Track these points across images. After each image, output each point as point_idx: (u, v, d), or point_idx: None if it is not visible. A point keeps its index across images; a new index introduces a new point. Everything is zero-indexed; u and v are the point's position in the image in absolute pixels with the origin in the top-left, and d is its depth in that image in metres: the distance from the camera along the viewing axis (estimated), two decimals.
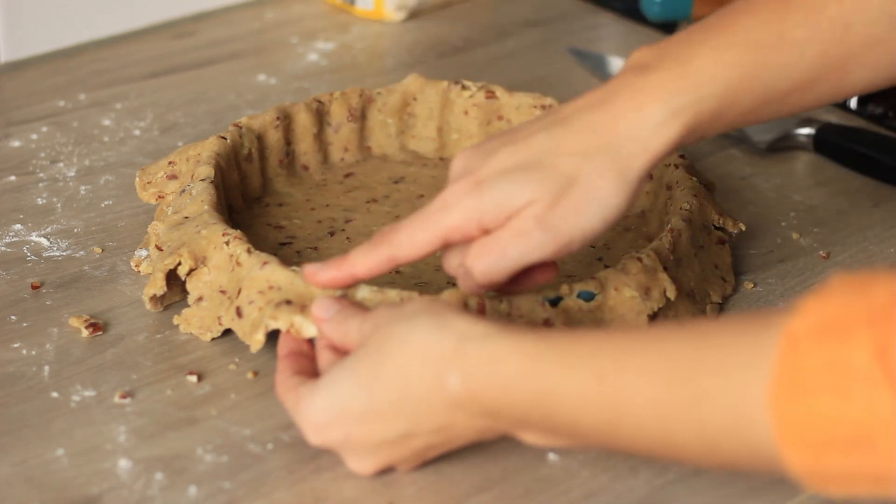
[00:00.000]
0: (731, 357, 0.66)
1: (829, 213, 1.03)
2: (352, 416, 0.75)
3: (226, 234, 0.88)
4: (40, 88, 1.16)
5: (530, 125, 0.81)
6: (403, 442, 0.75)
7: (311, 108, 1.02)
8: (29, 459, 0.78)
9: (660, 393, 0.67)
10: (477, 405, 0.72)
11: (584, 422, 0.70)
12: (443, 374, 0.72)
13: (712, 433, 0.66)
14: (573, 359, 0.70)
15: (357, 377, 0.74)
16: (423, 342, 0.73)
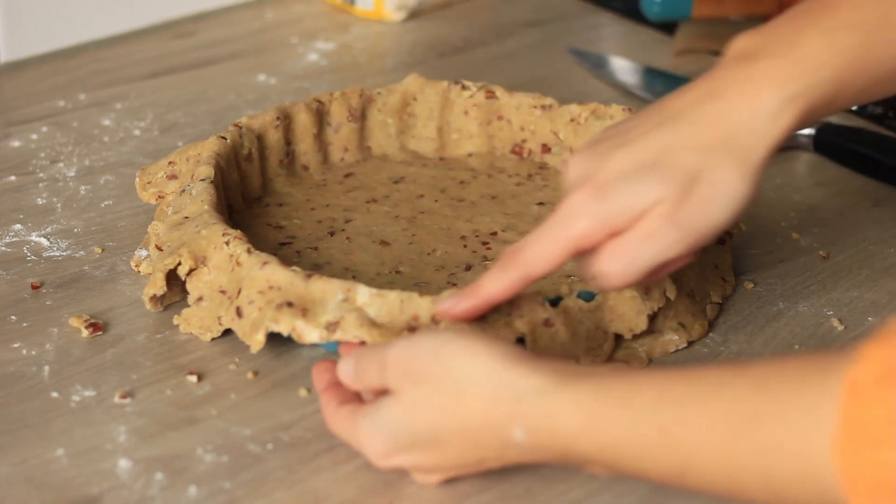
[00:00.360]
0: (792, 405, 0.65)
1: (829, 213, 1.03)
2: (418, 449, 0.75)
3: (226, 234, 0.88)
4: (40, 88, 1.16)
5: (639, 123, 0.80)
6: (471, 467, 0.76)
7: (311, 108, 1.02)
8: (29, 459, 0.78)
9: (723, 443, 0.67)
10: (544, 452, 0.73)
11: (651, 470, 0.70)
12: (507, 429, 0.72)
13: (778, 482, 0.65)
14: (633, 412, 0.69)
15: (418, 413, 0.74)
16: (481, 402, 0.73)
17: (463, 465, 0.76)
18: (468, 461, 0.75)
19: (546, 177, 1.03)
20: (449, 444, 0.74)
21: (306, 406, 0.83)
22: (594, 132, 1.02)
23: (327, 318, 0.83)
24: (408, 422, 0.74)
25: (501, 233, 0.97)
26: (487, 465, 0.75)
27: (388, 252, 0.94)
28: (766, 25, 0.80)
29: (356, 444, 0.77)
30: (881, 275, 0.96)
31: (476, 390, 0.73)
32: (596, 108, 1.03)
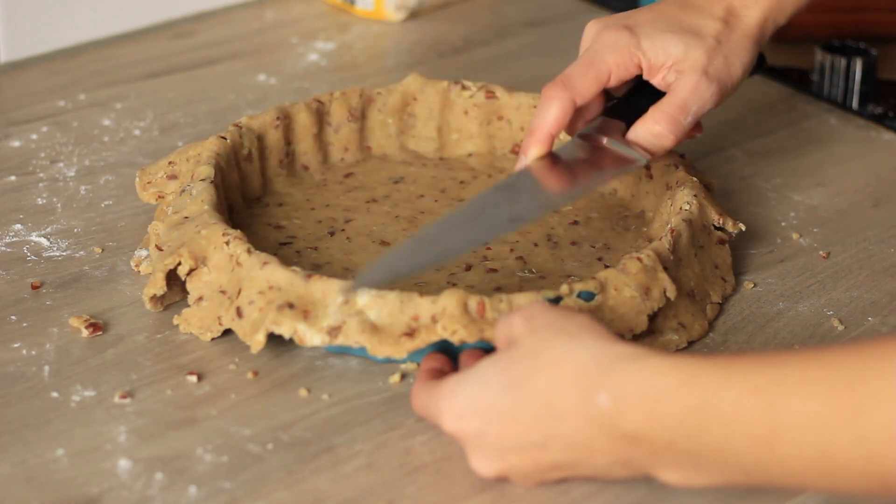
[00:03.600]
0: (893, 365, 0.65)
1: (829, 213, 1.03)
2: (494, 412, 0.74)
3: (226, 234, 0.88)
4: (40, 88, 1.16)
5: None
6: (534, 453, 0.75)
7: (311, 108, 1.02)
8: (29, 459, 0.78)
9: (819, 405, 0.66)
10: (622, 425, 0.72)
11: (736, 440, 0.69)
12: (593, 392, 0.72)
13: (874, 444, 0.65)
14: (730, 371, 0.69)
15: (507, 377, 0.74)
16: (580, 360, 0.73)
17: (525, 450, 0.74)
18: (535, 439, 0.74)
19: None
20: (523, 412, 0.73)
21: (306, 406, 0.83)
22: None
23: (329, 322, 0.83)
24: (489, 382, 0.75)
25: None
26: (550, 455, 0.74)
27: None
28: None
29: (434, 400, 0.76)
30: (881, 275, 0.96)
31: (577, 353, 0.73)
32: None
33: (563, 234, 0.97)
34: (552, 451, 0.74)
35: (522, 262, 0.94)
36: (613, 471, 0.75)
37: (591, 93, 0.90)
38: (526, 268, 0.93)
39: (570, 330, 0.75)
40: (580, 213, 0.99)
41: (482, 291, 0.89)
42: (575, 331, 0.75)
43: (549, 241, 0.96)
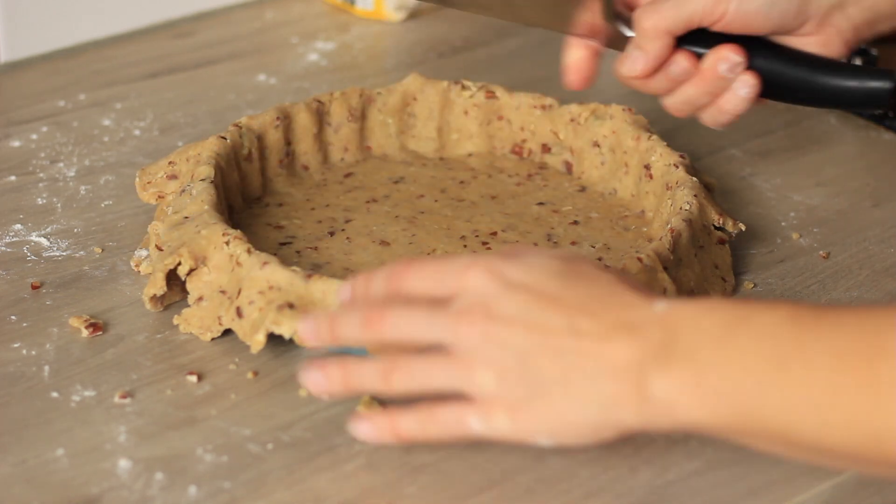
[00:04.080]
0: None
1: (829, 213, 1.03)
2: (534, 284, 0.74)
3: (226, 234, 0.88)
4: (40, 88, 1.16)
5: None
6: (548, 331, 0.73)
7: (311, 108, 1.02)
8: (29, 459, 0.78)
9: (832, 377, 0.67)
10: (662, 327, 0.72)
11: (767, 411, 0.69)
12: (651, 300, 0.73)
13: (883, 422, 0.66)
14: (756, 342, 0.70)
15: (563, 269, 0.75)
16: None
17: (562, 329, 0.73)
18: (571, 323, 0.72)
19: (546, 177, 1.03)
20: (568, 299, 0.73)
21: (306, 406, 0.83)
22: (594, 132, 1.02)
23: None
24: (548, 270, 0.75)
25: (501, 233, 0.97)
26: (546, 343, 0.73)
27: (388, 252, 0.94)
28: None
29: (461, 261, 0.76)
30: (881, 275, 0.96)
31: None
32: (596, 108, 1.03)
33: (563, 234, 0.97)
34: (567, 338, 0.73)
35: None
36: (605, 386, 0.72)
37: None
38: None
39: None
40: (580, 213, 0.99)
41: None
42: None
43: (549, 241, 0.96)
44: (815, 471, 0.79)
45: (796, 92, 0.91)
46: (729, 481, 0.79)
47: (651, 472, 0.79)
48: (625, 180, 1.01)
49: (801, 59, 0.90)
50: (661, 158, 0.98)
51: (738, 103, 0.90)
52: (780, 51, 0.90)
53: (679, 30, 0.88)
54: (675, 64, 0.89)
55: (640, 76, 0.90)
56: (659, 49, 0.89)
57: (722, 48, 0.88)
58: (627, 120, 1.01)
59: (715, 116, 0.91)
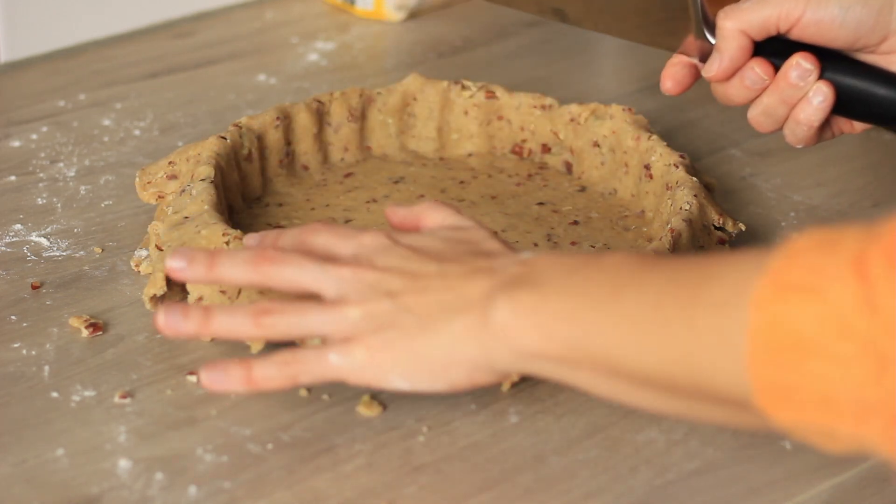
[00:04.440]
0: (706, 303, 0.67)
1: (829, 213, 1.03)
2: (420, 242, 0.79)
3: (226, 234, 0.88)
4: (40, 88, 1.16)
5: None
6: (405, 274, 0.77)
7: (311, 108, 1.02)
8: (29, 459, 0.78)
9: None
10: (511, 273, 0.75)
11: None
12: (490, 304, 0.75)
13: (700, 378, 0.67)
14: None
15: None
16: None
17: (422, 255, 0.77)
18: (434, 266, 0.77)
19: (546, 177, 1.04)
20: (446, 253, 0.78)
21: (306, 406, 0.83)
22: (594, 132, 1.02)
23: None
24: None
25: (501, 233, 0.97)
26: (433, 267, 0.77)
27: None
28: None
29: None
30: None
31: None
32: (596, 108, 1.03)
33: (563, 234, 0.97)
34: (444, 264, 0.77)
35: None
36: (456, 321, 0.75)
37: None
38: None
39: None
40: (580, 213, 0.99)
41: None
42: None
43: (549, 241, 0.96)
44: (816, 470, 0.79)
45: (878, 112, 0.89)
46: (729, 481, 0.79)
47: (651, 472, 0.79)
48: (625, 180, 1.01)
49: (882, 77, 0.88)
50: (661, 158, 0.98)
51: (812, 113, 0.89)
52: (862, 67, 0.88)
53: (755, 30, 0.88)
54: (750, 70, 0.89)
55: (716, 78, 0.90)
56: (735, 50, 0.88)
57: (795, 55, 0.88)
58: (627, 120, 1.01)
59: (793, 129, 0.90)
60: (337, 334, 0.77)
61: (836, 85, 0.88)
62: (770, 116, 0.90)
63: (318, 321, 0.77)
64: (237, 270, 0.79)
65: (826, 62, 0.88)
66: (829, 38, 0.87)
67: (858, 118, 0.91)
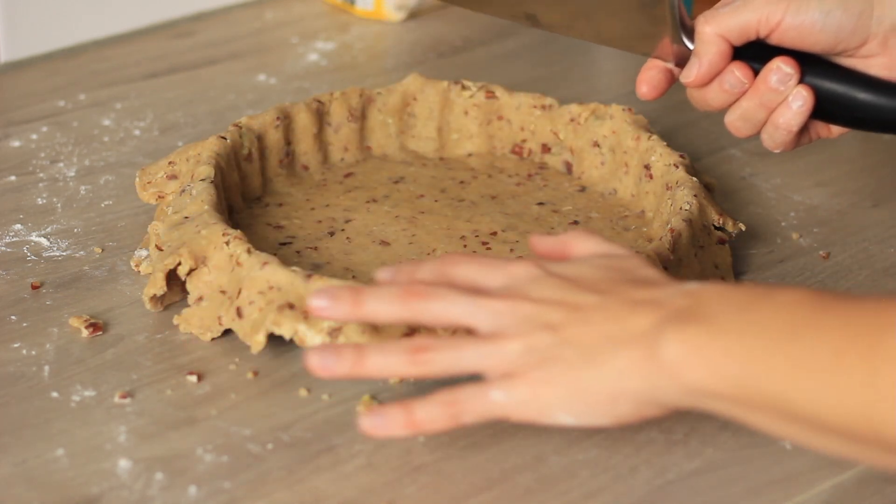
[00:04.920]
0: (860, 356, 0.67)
1: (829, 213, 1.03)
2: (573, 271, 0.78)
3: (226, 234, 0.88)
4: (40, 88, 1.16)
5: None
6: (563, 306, 0.75)
7: (311, 108, 1.02)
8: (29, 459, 0.78)
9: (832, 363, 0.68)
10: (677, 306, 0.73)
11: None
12: (657, 340, 0.73)
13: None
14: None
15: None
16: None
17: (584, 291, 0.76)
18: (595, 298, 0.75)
19: (546, 177, 1.04)
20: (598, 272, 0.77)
21: (306, 406, 0.83)
22: (594, 132, 1.02)
23: (329, 324, 0.83)
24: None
25: (501, 233, 0.97)
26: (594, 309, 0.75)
27: (388, 252, 0.94)
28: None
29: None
30: (881, 275, 0.96)
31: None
32: (596, 108, 1.03)
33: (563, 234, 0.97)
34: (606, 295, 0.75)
35: None
36: (622, 354, 0.74)
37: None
38: None
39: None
40: (580, 213, 0.99)
41: None
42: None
43: None
44: (816, 470, 0.79)
45: (857, 115, 0.88)
46: (729, 481, 0.79)
47: (651, 472, 0.79)
48: (625, 180, 1.01)
49: (862, 81, 0.88)
50: (661, 158, 0.98)
51: (791, 118, 0.88)
52: (841, 71, 0.88)
53: (734, 35, 0.87)
54: (730, 73, 0.88)
55: (695, 83, 0.89)
56: (714, 54, 0.88)
57: (775, 59, 0.87)
58: (627, 120, 1.01)
59: (771, 133, 0.90)
60: (496, 369, 0.75)
61: (816, 89, 0.88)
62: (748, 121, 0.90)
63: (475, 356, 0.75)
64: (385, 307, 0.77)
65: (806, 66, 0.88)
66: (810, 43, 0.87)
67: (838, 122, 0.90)
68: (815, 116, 0.89)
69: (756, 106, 0.89)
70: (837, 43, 0.87)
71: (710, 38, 0.87)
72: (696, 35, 0.88)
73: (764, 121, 0.89)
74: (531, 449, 0.80)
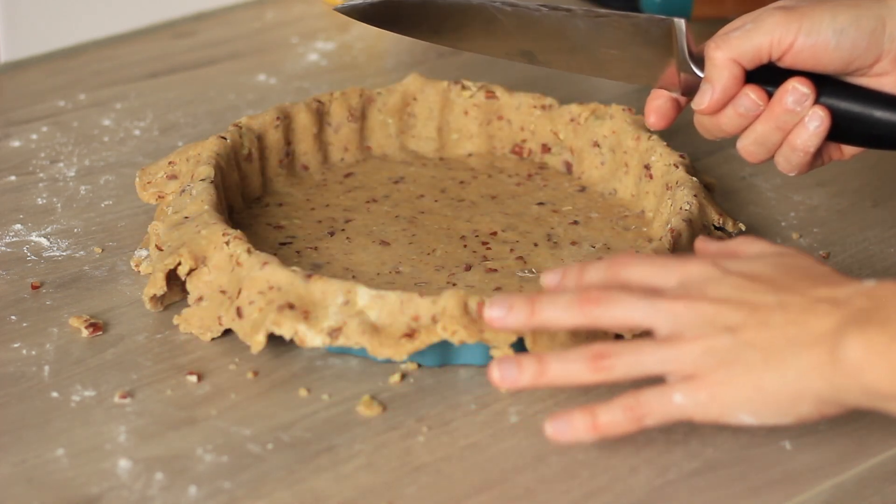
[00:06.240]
0: None
1: (829, 213, 1.03)
2: (749, 268, 0.77)
3: (226, 234, 0.88)
4: (40, 88, 1.16)
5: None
6: (741, 306, 0.75)
7: (311, 108, 1.02)
8: (29, 459, 0.78)
9: None
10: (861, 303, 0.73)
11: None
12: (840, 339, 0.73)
13: None
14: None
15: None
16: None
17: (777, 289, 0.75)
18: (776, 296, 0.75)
19: (546, 177, 1.04)
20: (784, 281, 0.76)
21: (306, 406, 0.83)
22: (594, 132, 1.02)
23: (329, 324, 0.83)
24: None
25: (501, 233, 0.97)
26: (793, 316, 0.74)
27: (388, 252, 0.94)
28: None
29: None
30: (881, 275, 0.96)
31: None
32: (596, 108, 1.03)
33: (563, 234, 0.97)
34: (782, 296, 0.75)
35: (522, 262, 0.94)
36: (802, 355, 0.74)
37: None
38: (526, 268, 0.93)
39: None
40: (580, 213, 0.99)
41: (482, 291, 0.89)
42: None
43: (549, 241, 0.96)
44: (816, 470, 0.79)
45: (875, 133, 0.88)
46: (729, 481, 0.79)
47: (651, 472, 0.79)
48: (625, 180, 1.01)
49: (877, 99, 0.87)
50: (661, 158, 0.98)
51: (809, 139, 0.87)
52: (856, 90, 0.87)
53: (747, 59, 0.87)
54: (744, 97, 0.87)
55: (709, 110, 0.88)
56: (727, 80, 0.87)
57: (790, 80, 0.87)
58: (627, 120, 1.01)
59: (787, 156, 0.89)
60: (677, 372, 0.75)
61: (832, 109, 0.87)
62: (763, 145, 0.89)
63: (656, 360, 0.75)
64: (561, 314, 0.77)
65: (820, 86, 0.87)
66: (823, 63, 0.86)
67: (854, 142, 0.89)
68: (831, 137, 0.88)
69: (772, 129, 0.88)
70: (850, 62, 0.86)
71: (723, 64, 0.86)
72: (708, 61, 0.87)
73: (779, 144, 0.89)
74: (531, 449, 0.80)
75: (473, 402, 0.83)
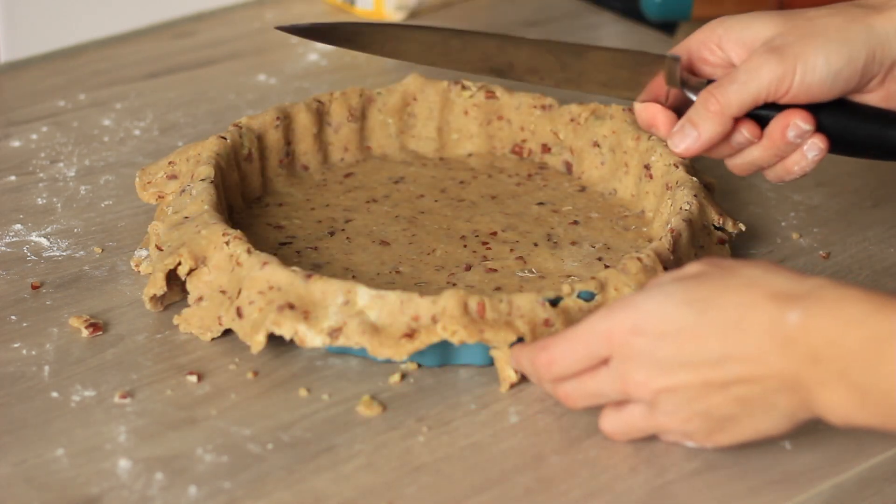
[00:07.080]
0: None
1: (829, 213, 1.03)
2: (674, 325, 0.75)
3: (226, 234, 0.88)
4: (40, 88, 1.16)
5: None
6: (707, 370, 0.74)
7: (311, 108, 1.02)
8: (29, 459, 0.78)
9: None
10: (804, 345, 0.72)
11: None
12: (784, 310, 0.72)
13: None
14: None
15: (693, 294, 0.75)
16: (775, 284, 0.74)
17: (699, 365, 0.75)
18: (713, 353, 0.74)
19: (546, 177, 1.04)
20: (707, 326, 0.74)
21: (306, 406, 0.83)
22: (594, 132, 1.02)
23: (329, 324, 0.83)
24: (673, 297, 0.76)
25: (501, 233, 0.97)
26: (722, 371, 0.74)
27: (388, 252, 0.94)
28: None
29: (602, 326, 0.77)
30: (881, 275, 0.96)
31: (771, 279, 0.74)
32: (596, 107, 1.03)
33: (563, 234, 0.97)
34: (725, 369, 0.74)
35: (522, 262, 0.94)
36: (779, 401, 0.74)
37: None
38: (526, 268, 0.93)
39: (757, 265, 0.76)
40: (580, 213, 0.99)
41: (482, 291, 0.89)
42: (762, 267, 0.76)
43: (549, 241, 0.96)
44: (815, 470, 0.79)
45: (866, 147, 0.89)
46: (729, 481, 0.79)
47: (651, 472, 0.79)
48: (625, 180, 1.01)
49: (869, 115, 0.88)
50: (661, 158, 0.98)
51: (807, 165, 0.89)
52: (848, 107, 0.88)
53: (743, 113, 0.88)
54: (739, 134, 0.89)
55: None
56: (714, 132, 0.88)
57: (790, 114, 0.87)
58: (627, 120, 1.01)
59: (780, 175, 0.90)
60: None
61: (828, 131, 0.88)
62: (755, 166, 0.91)
63: (643, 426, 0.80)
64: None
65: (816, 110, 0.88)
66: (818, 98, 0.87)
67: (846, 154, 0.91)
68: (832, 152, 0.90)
69: (769, 156, 0.89)
70: (845, 92, 0.88)
71: (715, 119, 0.88)
72: (699, 112, 0.88)
73: (772, 165, 0.90)
74: (531, 449, 0.80)
75: (473, 402, 0.83)
